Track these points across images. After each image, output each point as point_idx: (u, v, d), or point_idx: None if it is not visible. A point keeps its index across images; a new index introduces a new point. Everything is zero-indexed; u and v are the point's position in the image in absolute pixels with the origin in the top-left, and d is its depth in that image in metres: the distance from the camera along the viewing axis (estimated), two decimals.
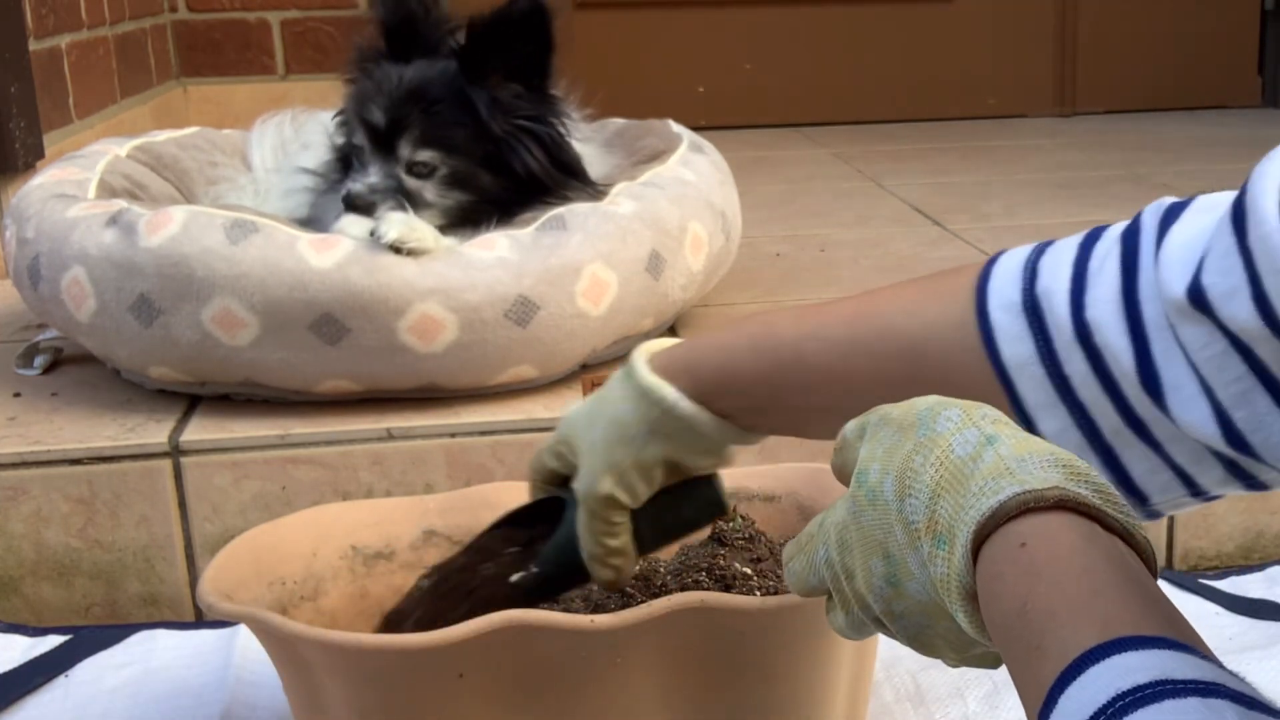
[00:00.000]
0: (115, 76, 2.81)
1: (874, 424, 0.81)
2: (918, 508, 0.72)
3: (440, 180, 1.63)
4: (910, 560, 0.74)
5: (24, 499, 1.46)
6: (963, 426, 0.74)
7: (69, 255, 1.54)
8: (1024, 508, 0.67)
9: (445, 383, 1.53)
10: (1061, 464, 0.70)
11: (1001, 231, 2.37)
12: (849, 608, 0.80)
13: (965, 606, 0.69)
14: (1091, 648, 0.59)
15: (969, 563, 0.68)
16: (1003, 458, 0.70)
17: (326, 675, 1.03)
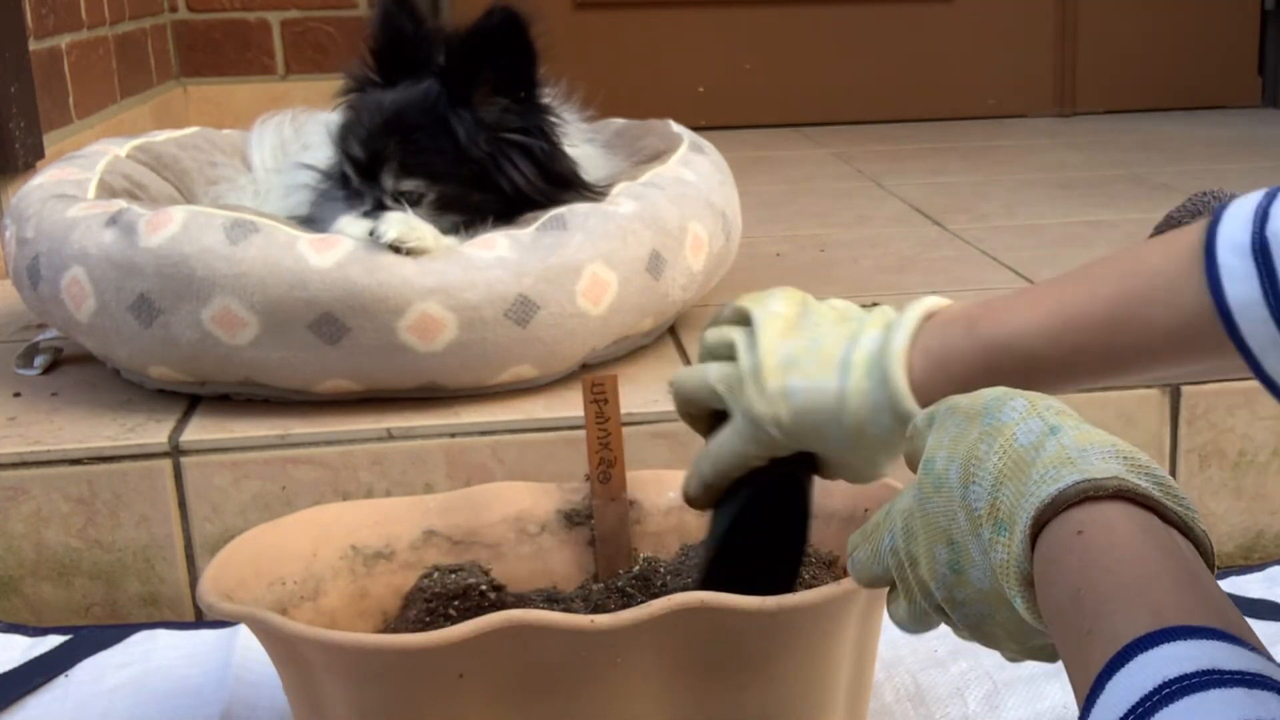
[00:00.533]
0: (115, 76, 2.81)
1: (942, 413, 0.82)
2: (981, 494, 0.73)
3: (430, 205, 1.62)
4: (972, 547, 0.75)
5: (24, 499, 1.46)
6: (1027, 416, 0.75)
7: (69, 255, 1.54)
8: (1083, 495, 0.68)
9: (445, 382, 1.53)
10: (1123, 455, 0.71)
11: (1001, 231, 2.37)
12: (912, 596, 0.82)
13: (1023, 593, 0.70)
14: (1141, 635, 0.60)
15: (1028, 549, 0.69)
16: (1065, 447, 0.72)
17: (326, 675, 1.03)
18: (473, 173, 1.63)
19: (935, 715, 1.27)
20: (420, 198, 1.62)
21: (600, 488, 1.29)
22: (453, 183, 1.63)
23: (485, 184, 1.64)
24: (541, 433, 1.50)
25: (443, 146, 1.62)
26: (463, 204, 1.63)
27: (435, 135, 1.62)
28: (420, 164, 1.62)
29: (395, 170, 1.62)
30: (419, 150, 1.62)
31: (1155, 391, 1.57)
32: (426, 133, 1.62)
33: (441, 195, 1.63)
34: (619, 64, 3.76)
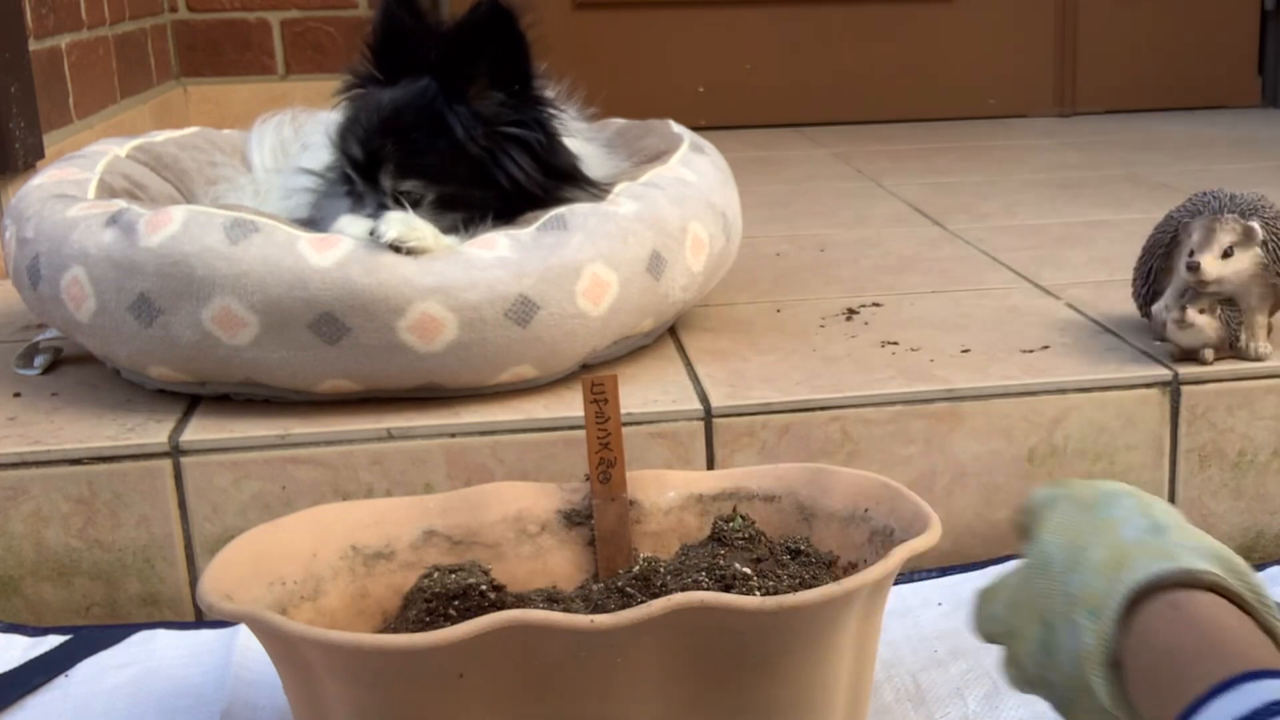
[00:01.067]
0: (115, 76, 2.81)
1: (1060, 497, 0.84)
2: (1080, 582, 0.76)
3: (430, 205, 1.62)
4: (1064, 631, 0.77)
5: (24, 499, 1.46)
6: (1135, 514, 0.78)
7: (68, 255, 1.54)
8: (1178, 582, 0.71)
9: (445, 382, 1.53)
10: (1219, 557, 0.74)
11: (1001, 231, 2.37)
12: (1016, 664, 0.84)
13: (1105, 674, 0.73)
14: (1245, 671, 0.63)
15: (1117, 629, 0.72)
16: (1165, 545, 0.74)
17: (326, 675, 1.03)
18: (471, 170, 1.63)
19: (935, 715, 1.27)
20: (420, 198, 1.62)
21: (600, 488, 1.29)
22: (451, 182, 1.63)
23: (484, 181, 1.64)
24: (541, 433, 1.50)
25: (440, 146, 1.62)
26: (463, 202, 1.63)
27: (432, 135, 1.62)
28: (418, 165, 1.62)
29: (393, 172, 1.62)
30: (416, 151, 1.62)
31: (1155, 391, 1.58)
32: (423, 132, 1.62)
33: (441, 195, 1.62)
34: (619, 64, 3.76)
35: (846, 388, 1.56)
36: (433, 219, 1.59)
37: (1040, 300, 1.91)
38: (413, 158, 1.62)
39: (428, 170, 1.62)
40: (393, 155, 1.62)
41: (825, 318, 1.85)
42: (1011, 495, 1.56)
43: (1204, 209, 1.63)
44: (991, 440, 1.55)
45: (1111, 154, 3.27)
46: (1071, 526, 0.80)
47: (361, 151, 1.63)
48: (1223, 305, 1.58)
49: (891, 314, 1.86)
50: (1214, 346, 1.59)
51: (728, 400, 1.53)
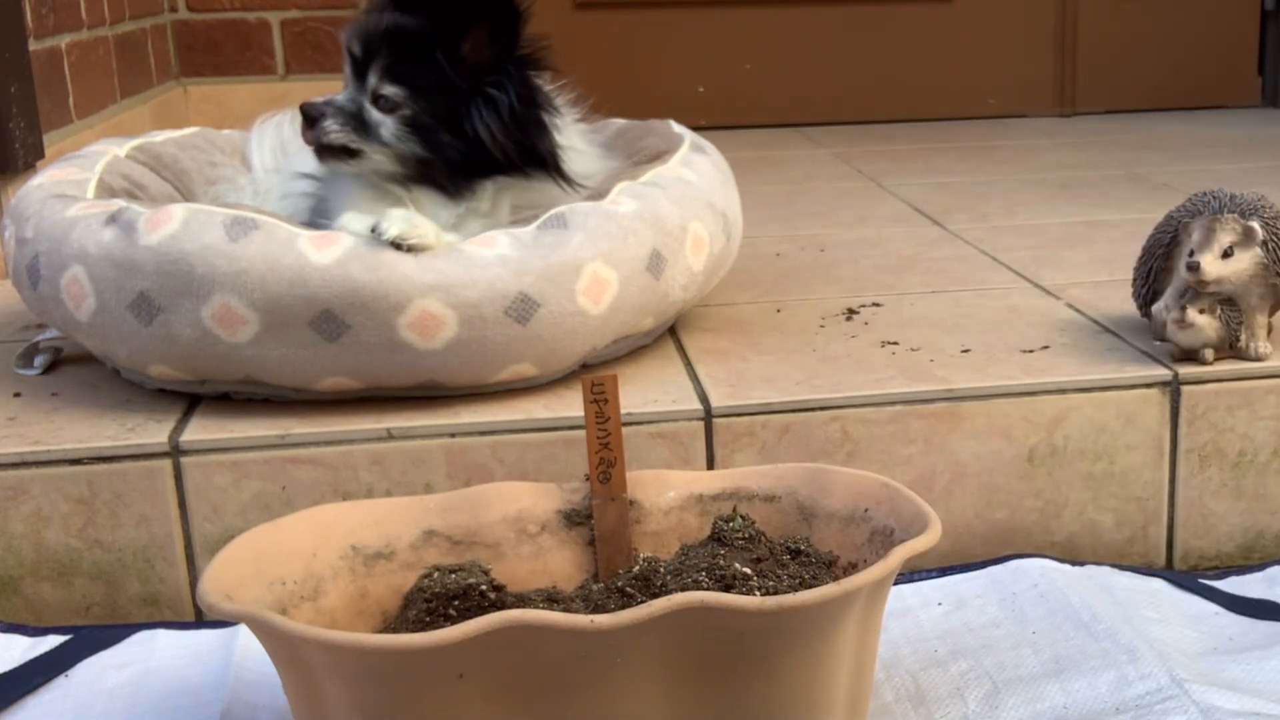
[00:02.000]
0: (115, 76, 2.81)
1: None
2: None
3: (401, 121, 1.63)
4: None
5: (24, 499, 1.46)
6: None
7: (68, 254, 1.54)
8: None
9: (445, 380, 1.53)
10: None
11: (1002, 231, 2.37)
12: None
13: None
14: None
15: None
16: None
17: (326, 675, 1.03)
18: (447, 105, 1.64)
19: (935, 715, 1.27)
20: (395, 107, 1.63)
21: (600, 487, 1.29)
22: (427, 104, 1.64)
23: (454, 126, 1.64)
24: (541, 433, 1.50)
25: (430, 68, 1.63)
26: (430, 137, 1.64)
27: (426, 56, 1.63)
28: (405, 72, 1.64)
29: (381, 71, 1.64)
30: (408, 60, 1.64)
31: (1155, 391, 1.58)
32: (420, 50, 1.63)
33: (415, 115, 1.64)
34: (619, 64, 3.76)
35: (846, 388, 1.56)
36: (397, 137, 1.62)
37: (1040, 300, 1.91)
38: (403, 65, 1.64)
39: (412, 81, 1.64)
40: (385, 55, 1.64)
41: (825, 318, 1.85)
42: (1011, 495, 1.56)
43: (1204, 209, 1.63)
44: (991, 440, 1.55)
45: (1111, 154, 3.27)
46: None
47: (360, 47, 1.65)
48: (1223, 305, 1.58)
49: (891, 314, 1.86)
50: (1214, 346, 1.59)
51: (728, 400, 1.53)
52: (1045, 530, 1.58)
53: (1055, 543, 1.58)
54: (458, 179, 1.65)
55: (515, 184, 1.68)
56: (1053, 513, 1.57)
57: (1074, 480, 1.57)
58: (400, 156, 1.64)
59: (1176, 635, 1.39)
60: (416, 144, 1.64)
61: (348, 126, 1.64)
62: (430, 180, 1.65)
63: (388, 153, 1.64)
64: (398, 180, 1.66)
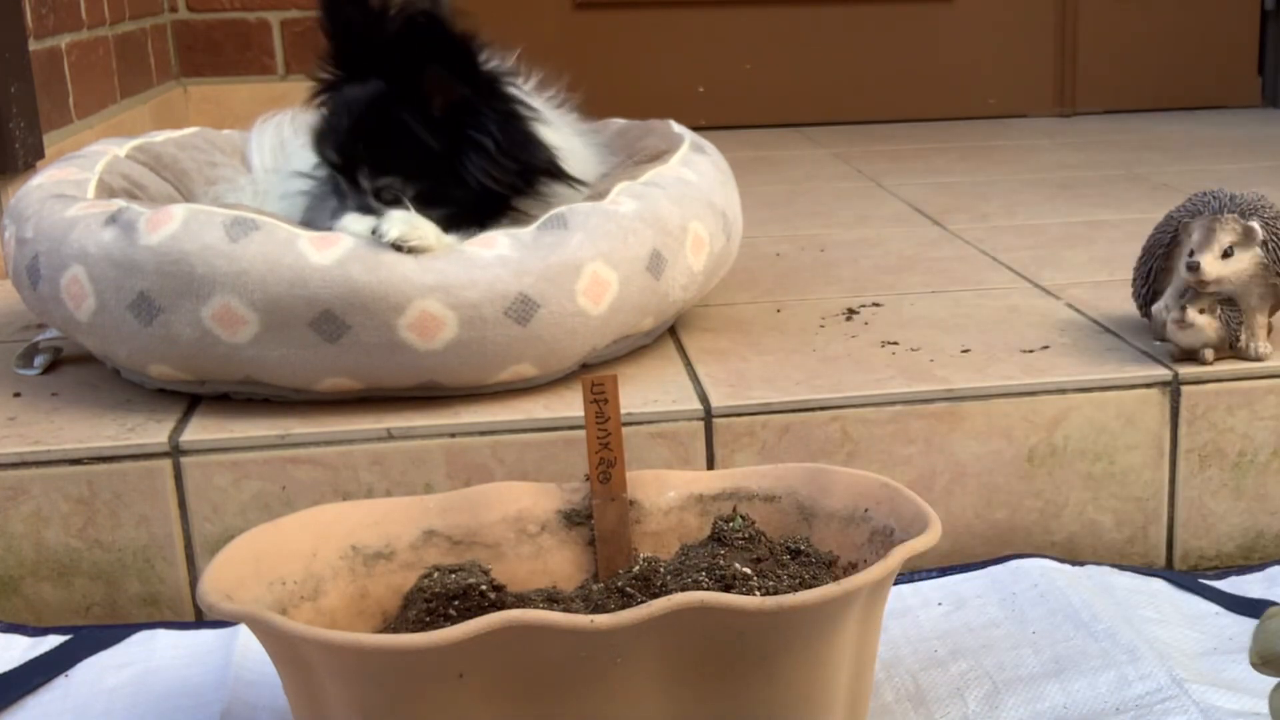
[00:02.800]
0: (115, 76, 2.81)
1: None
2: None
3: (412, 200, 1.62)
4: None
5: (24, 499, 1.46)
6: None
7: (68, 254, 1.54)
8: None
9: (445, 380, 1.53)
10: None
11: (1001, 231, 2.37)
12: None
13: None
14: None
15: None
16: None
17: (326, 675, 1.03)
18: (441, 168, 1.63)
19: (935, 715, 1.27)
20: (399, 194, 1.62)
21: (600, 487, 1.29)
22: (425, 178, 1.63)
23: (460, 178, 1.64)
24: (541, 433, 1.50)
25: (407, 144, 1.62)
26: (445, 198, 1.63)
27: (398, 134, 1.62)
28: (390, 163, 1.63)
29: (368, 172, 1.63)
30: (386, 149, 1.63)
31: (1155, 391, 1.58)
32: (390, 130, 1.62)
33: (420, 192, 1.62)
34: (619, 64, 3.76)
35: (846, 388, 1.56)
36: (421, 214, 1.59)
37: (1040, 300, 1.91)
38: (384, 156, 1.63)
39: (400, 168, 1.63)
40: (365, 156, 1.63)
41: (825, 318, 1.85)
42: (1011, 495, 1.56)
43: (1204, 209, 1.63)
44: (991, 440, 1.55)
45: (1111, 154, 3.27)
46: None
47: (337, 155, 1.65)
48: (1223, 305, 1.58)
49: (891, 314, 1.86)
50: (1214, 346, 1.59)
51: (728, 400, 1.53)
52: (1045, 530, 1.58)
53: (1055, 543, 1.58)
54: (485, 218, 1.64)
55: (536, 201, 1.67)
56: (1053, 513, 1.58)
57: (1074, 480, 1.57)
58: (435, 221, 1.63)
59: (1176, 635, 1.39)
60: (437, 209, 1.62)
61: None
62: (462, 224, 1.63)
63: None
64: None
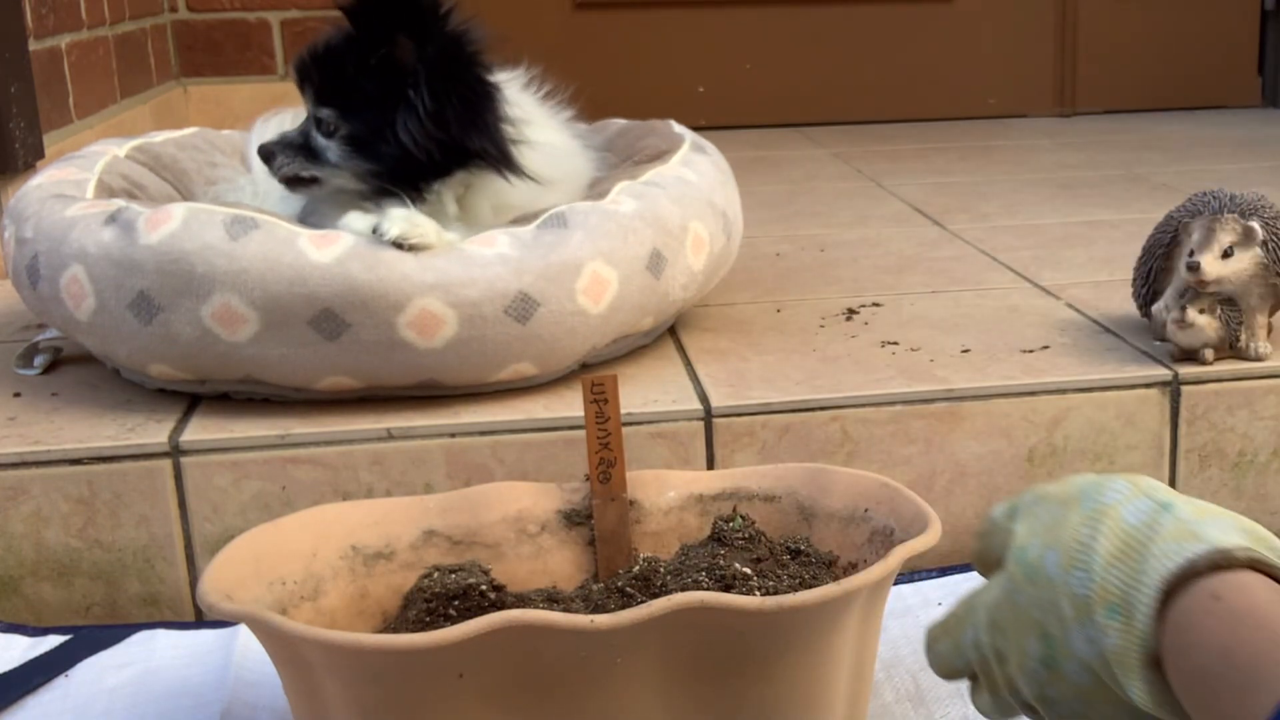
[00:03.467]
0: (115, 76, 2.81)
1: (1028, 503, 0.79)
2: (1086, 580, 0.70)
3: (342, 141, 1.62)
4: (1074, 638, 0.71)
5: (24, 499, 1.46)
6: (1133, 496, 0.72)
7: (68, 254, 1.54)
8: (1213, 565, 0.66)
9: (445, 379, 1.53)
10: (1244, 529, 0.69)
11: (1002, 231, 2.37)
12: (997, 690, 0.78)
13: (1145, 675, 0.67)
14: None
15: (1152, 624, 0.67)
16: (1183, 521, 0.69)
17: (326, 675, 1.03)
18: (378, 119, 1.62)
19: (935, 715, 1.27)
20: (334, 129, 1.63)
21: (600, 487, 1.29)
22: (358, 122, 1.63)
23: (390, 136, 1.63)
24: (541, 433, 1.50)
25: (357, 84, 1.62)
26: (372, 151, 1.63)
27: (353, 72, 1.62)
28: (335, 93, 1.63)
29: (314, 96, 1.64)
30: (335, 80, 1.63)
31: (1155, 391, 1.58)
32: (342, 66, 1.62)
33: (352, 134, 1.63)
34: (619, 64, 3.76)
35: (846, 388, 1.56)
36: (341, 157, 1.62)
37: (1040, 300, 1.91)
38: (331, 87, 1.63)
39: (342, 103, 1.63)
40: (314, 81, 1.64)
41: (825, 318, 1.85)
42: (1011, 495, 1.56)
43: (1204, 209, 1.63)
44: (991, 440, 1.55)
45: (1111, 154, 3.27)
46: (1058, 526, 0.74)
47: (298, 75, 1.66)
48: (1223, 305, 1.58)
49: (891, 314, 1.86)
50: (1214, 346, 1.59)
51: (728, 400, 1.53)
52: None
53: None
54: (409, 186, 1.63)
55: (486, 184, 1.66)
56: None
57: None
58: (356, 174, 1.63)
59: None
60: (360, 160, 1.63)
61: (297, 158, 1.65)
62: (386, 191, 1.63)
63: (341, 173, 1.64)
64: (364, 195, 1.65)
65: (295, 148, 1.66)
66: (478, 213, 1.67)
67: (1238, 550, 0.66)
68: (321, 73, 1.63)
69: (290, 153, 1.66)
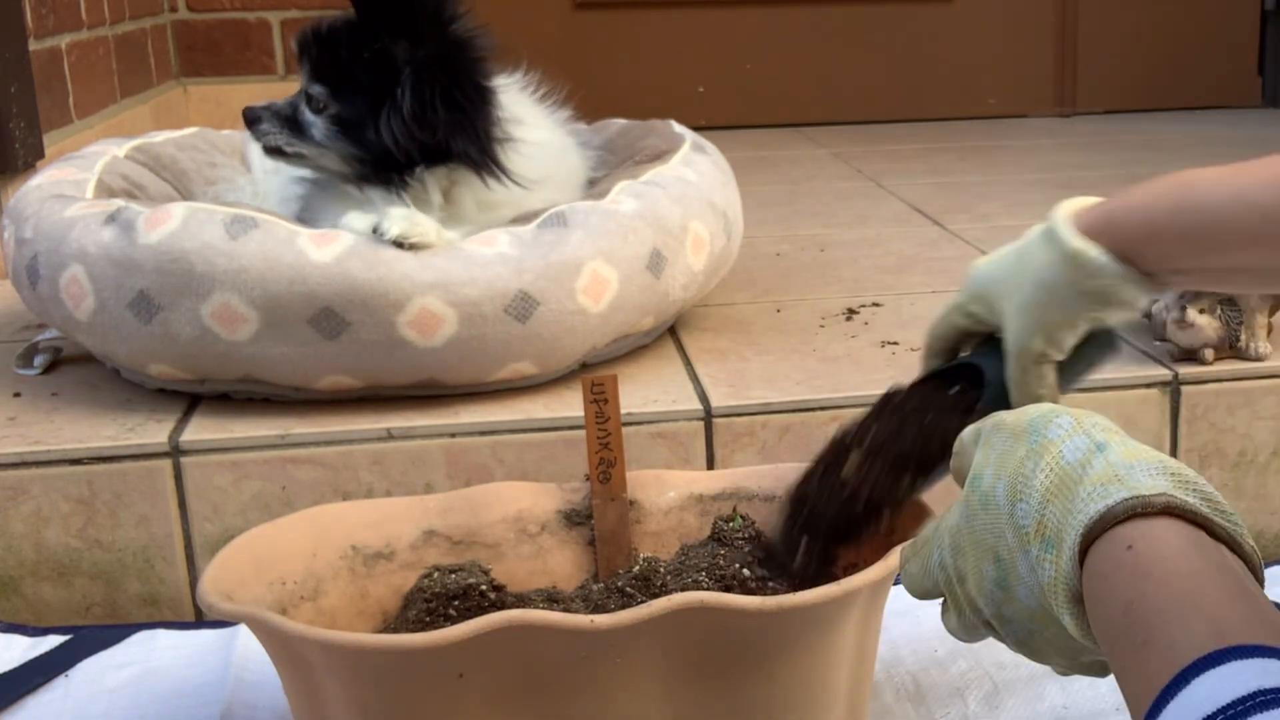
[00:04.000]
0: (115, 76, 2.81)
1: (988, 430, 0.83)
2: (1028, 512, 0.74)
3: (329, 119, 1.62)
4: (1020, 564, 0.76)
5: (24, 499, 1.46)
6: (1073, 433, 0.76)
7: (67, 254, 1.54)
8: (1131, 512, 0.69)
9: (445, 378, 1.53)
10: (1170, 472, 0.72)
11: (1002, 231, 2.37)
12: (961, 610, 0.83)
13: (1072, 609, 0.71)
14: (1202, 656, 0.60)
15: (1076, 566, 0.70)
16: (1112, 464, 0.72)
17: (326, 675, 1.03)
18: (368, 106, 1.62)
19: (935, 715, 1.27)
20: (323, 107, 1.63)
21: (600, 487, 1.29)
22: (347, 105, 1.63)
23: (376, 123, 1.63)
24: (541, 433, 1.50)
25: (352, 65, 1.62)
26: (357, 135, 1.63)
27: (350, 55, 1.62)
28: (330, 72, 1.63)
29: (309, 71, 1.64)
30: (331, 59, 1.63)
31: (1155, 391, 1.57)
32: (339, 47, 1.62)
33: (340, 114, 1.63)
34: (619, 64, 3.76)
35: (846, 388, 1.56)
36: (327, 136, 1.62)
37: None
38: (326, 65, 1.63)
39: (335, 82, 1.63)
40: (311, 56, 1.64)
41: (825, 318, 1.85)
42: None
43: None
44: None
45: (1111, 154, 3.27)
46: (1008, 456, 0.79)
47: (298, 48, 1.66)
48: (1223, 305, 1.58)
49: (891, 314, 1.86)
50: (1214, 346, 1.59)
51: (728, 400, 1.53)
52: None
53: None
54: (392, 173, 1.63)
55: (471, 180, 1.66)
56: None
57: None
58: (341, 155, 1.63)
59: None
60: (345, 143, 1.63)
61: (284, 130, 1.65)
62: (370, 177, 1.64)
63: (326, 153, 1.64)
64: (348, 179, 1.65)
65: (282, 119, 1.66)
66: (462, 206, 1.66)
67: (1156, 497, 0.69)
68: (320, 49, 1.63)
69: (277, 123, 1.66)
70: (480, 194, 1.67)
